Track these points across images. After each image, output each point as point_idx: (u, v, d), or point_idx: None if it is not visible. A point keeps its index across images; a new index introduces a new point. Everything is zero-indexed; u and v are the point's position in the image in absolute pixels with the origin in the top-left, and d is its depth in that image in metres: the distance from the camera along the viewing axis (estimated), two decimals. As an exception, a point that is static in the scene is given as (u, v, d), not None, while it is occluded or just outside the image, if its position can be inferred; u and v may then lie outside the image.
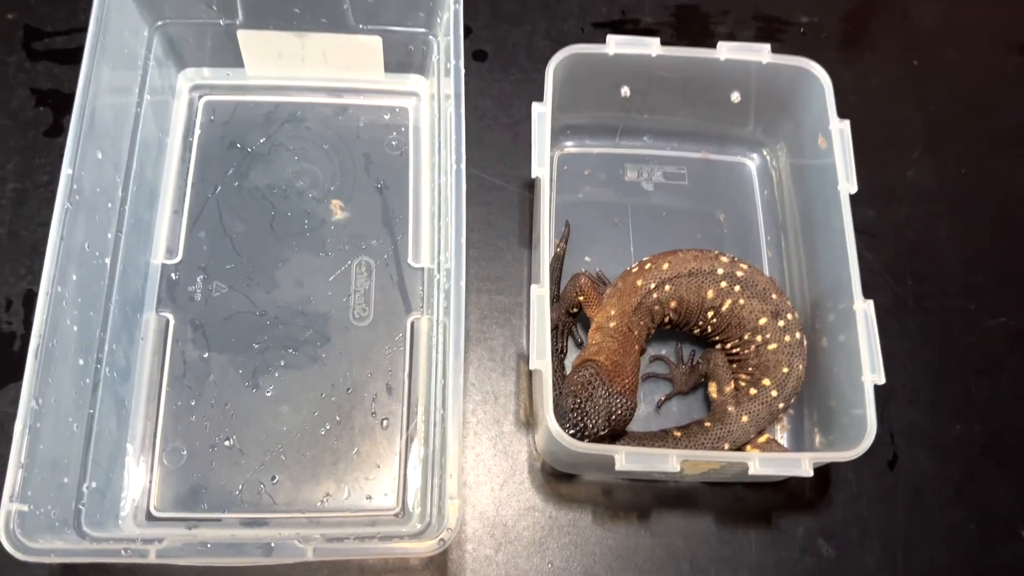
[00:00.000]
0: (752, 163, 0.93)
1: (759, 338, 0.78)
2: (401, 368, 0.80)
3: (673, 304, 0.78)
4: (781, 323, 0.78)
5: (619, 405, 0.73)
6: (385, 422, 0.78)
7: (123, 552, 0.60)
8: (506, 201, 0.90)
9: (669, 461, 0.68)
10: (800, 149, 0.87)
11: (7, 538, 0.60)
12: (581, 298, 0.81)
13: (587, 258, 0.87)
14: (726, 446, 0.76)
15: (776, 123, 0.90)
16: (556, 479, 0.80)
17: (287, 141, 0.88)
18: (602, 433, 0.73)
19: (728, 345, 0.80)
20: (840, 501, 0.81)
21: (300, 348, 0.80)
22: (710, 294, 0.78)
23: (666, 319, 0.80)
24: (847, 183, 0.78)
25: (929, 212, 0.94)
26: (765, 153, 0.93)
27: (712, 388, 0.79)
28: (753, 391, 0.77)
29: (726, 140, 0.93)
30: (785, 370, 0.77)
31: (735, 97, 0.88)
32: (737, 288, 0.78)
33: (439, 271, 0.79)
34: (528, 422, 0.82)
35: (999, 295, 0.90)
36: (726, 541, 0.79)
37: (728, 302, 0.78)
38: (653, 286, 0.78)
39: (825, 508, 0.81)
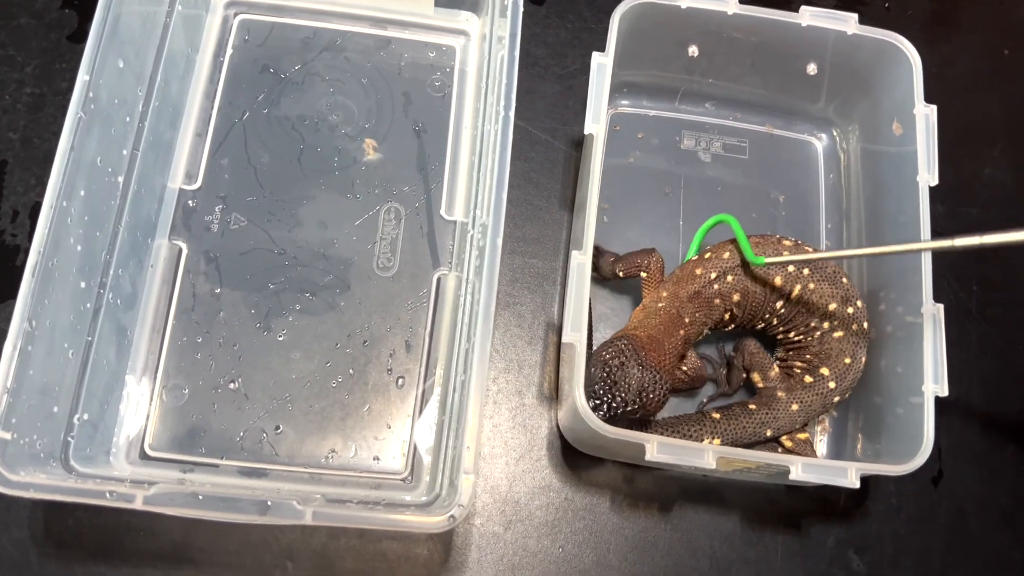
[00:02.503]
0: (819, 143, 0.87)
1: (826, 325, 0.73)
2: (423, 325, 0.75)
3: (736, 297, 0.72)
4: (850, 310, 0.72)
5: (652, 382, 0.67)
6: (401, 380, 0.73)
7: (108, 495, 0.56)
8: (550, 158, 0.84)
9: (705, 456, 0.63)
10: (875, 133, 0.80)
11: (-13, 466, 0.55)
12: (644, 274, 0.75)
13: (629, 233, 0.81)
14: (768, 432, 0.71)
15: (851, 102, 0.83)
16: (575, 459, 0.75)
17: (323, 71, 0.82)
18: (630, 410, 0.66)
19: (792, 334, 0.75)
20: (877, 514, 0.75)
21: (318, 293, 0.75)
22: (778, 281, 0.72)
23: (727, 315, 0.74)
24: (927, 174, 0.72)
25: (1004, 215, 0.87)
26: (835, 133, 0.86)
27: (756, 378, 0.74)
28: (809, 379, 0.72)
29: (793, 115, 0.87)
30: (847, 360, 0.72)
31: (811, 69, 0.81)
32: (806, 272, 0.72)
33: (473, 226, 0.73)
34: (552, 396, 0.76)
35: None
36: (751, 543, 0.74)
37: (798, 287, 0.72)
38: (714, 275, 0.72)
39: (860, 519, 0.75)
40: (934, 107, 0.73)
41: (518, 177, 0.83)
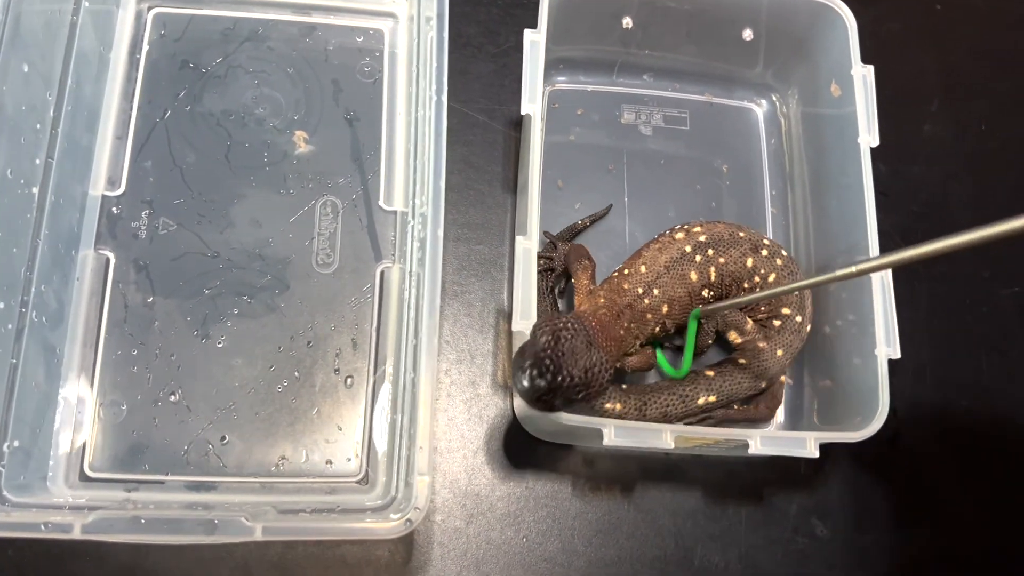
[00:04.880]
0: (760, 109, 0.86)
1: (756, 278, 0.72)
2: (368, 321, 0.73)
3: (665, 309, 0.70)
4: (764, 252, 0.72)
5: (600, 364, 0.61)
6: (349, 380, 0.71)
7: (43, 527, 0.53)
8: (490, 140, 0.82)
9: (663, 437, 0.62)
10: (814, 96, 0.80)
11: (-93, 506, 0.52)
12: (575, 281, 0.72)
13: (577, 205, 0.80)
14: (763, 384, 0.72)
15: (789, 66, 0.82)
16: (534, 447, 0.73)
17: (246, 63, 0.79)
18: (575, 387, 0.59)
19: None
20: (837, 479, 0.75)
21: (256, 295, 0.72)
22: (693, 276, 0.71)
23: (658, 328, 0.71)
24: (868, 135, 0.71)
25: (945, 171, 0.87)
26: (775, 99, 0.85)
27: (733, 336, 0.72)
28: (777, 323, 0.73)
29: (732, 83, 0.85)
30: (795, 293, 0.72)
31: (747, 34, 0.80)
32: (710, 252, 0.71)
33: (413, 216, 0.71)
34: (507, 385, 0.75)
35: (1015, 263, 0.84)
36: (714, 518, 0.73)
37: (712, 271, 0.71)
38: (641, 291, 0.69)
39: (821, 486, 0.75)
40: (871, 67, 0.73)
41: (458, 162, 0.80)
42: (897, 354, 0.66)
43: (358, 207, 0.76)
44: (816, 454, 0.63)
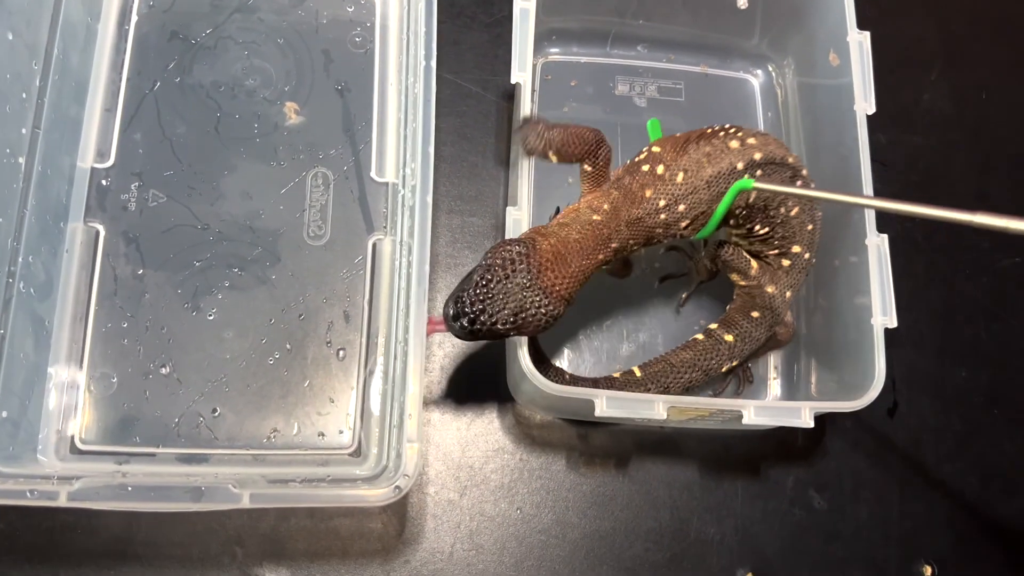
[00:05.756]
0: (756, 80, 0.85)
1: (783, 209, 0.67)
2: (360, 294, 0.72)
3: (684, 224, 0.64)
4: (799, 183, 0.67)
5: (535, 305, 0.57)
6: (341, 352, 0.70)
7: (29, 494, 0.52)
8: (483, 111, 0.81)
9: (655, 407, 0.61)
10: (810, 65, 0.79)
11: None
12: (588, 167, 0.65)
13: (570, 179, 0.79)
14: (780, 329, 0.71)
15: (785, 35, 0.81)
16: (528, 419, 0.73)
17: (236, 33, 0.78)
18: (500, 330, 0.57)
19: (757, 227, 0.69)
20: (835, 451, 0.75)
21: (247, 268, 0.72)
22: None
23: (666, 240, 0.67)
24: (864, 103, 0.70)
25: (945, 140, 0.86)
26: (771, 69, 0.84)
27: (736, 278, 0.71)
28: (786, 262, 0.69)
29: (728, 53, 0.84)
30: (810, 227, 0.69)
31: (741, 3, 0.79)
32: (759, 173, 0.64)
33: (404, 186, 0.70)
34: (500, 357, 0.74)
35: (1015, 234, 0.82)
36: (710, 490, 0.73)
37: (752, 194, 0.65)
38: (663, 203, 0.63)
39: (818, 458, 0.75)
40: (867, 33, 0.72)
41: (451, 133, 0.80)
42: (893, 323, 0.65)
43: (349, 179, 0.75)
44: (811, 424, 0.62)
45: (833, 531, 0.73)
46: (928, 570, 0.73)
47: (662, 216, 0.63)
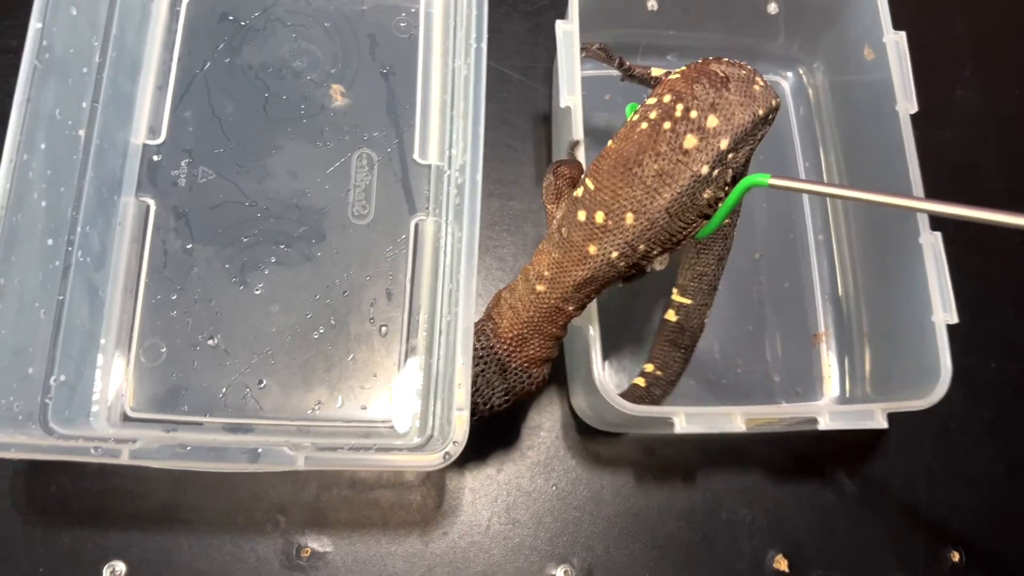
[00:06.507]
0: (786, 82, 0.86)
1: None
2: (403, 272, 0.74)
3: (659, 253, 0.56)
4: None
5: (518, 380, 0.61)
6: (384, 329, 0.72)
7: (93, 451, 0.54)
8: (523, 97, 0.83)
9: (733, 421, 0.62)
10: (842, 64, 0.80)
11: (-38, 429, 0.53)
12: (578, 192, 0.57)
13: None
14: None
15: (813, 37, 0.82)
16: (564, 398, 0.74)
17: (284, 16, 0.80)
18: (504, 409, 0.62)
19: None
20: (865, 437, 0.76)
21: (293, 244, 0.73)
22: (707, 194, 0.54)
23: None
24: (906, 102, 0.71)
25: (976, 136, 0.87)
26: (800, 71, 0.85)
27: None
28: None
29: (757, 57, 0.85)
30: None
31: (772, 8, 0.80)
32: (731, 157, 0.53)
33: (450, 167, 0.72)
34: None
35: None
36: (743, 473, 0.74)
37: (727, 187, 0.55)
38: (616, 255, 0.54)
39: (849, 443, 0.76)
40: (902, 33, 0.73)
41: (492, 118, 0.81)
42: (955, 319, 0.65)
43: (393, 160, 0.76)
44: (885, 425, 0.63)
45: (862, 516, 0.74)
46: (956, 556, 0.74)
47: (620, 265, 0.55)
